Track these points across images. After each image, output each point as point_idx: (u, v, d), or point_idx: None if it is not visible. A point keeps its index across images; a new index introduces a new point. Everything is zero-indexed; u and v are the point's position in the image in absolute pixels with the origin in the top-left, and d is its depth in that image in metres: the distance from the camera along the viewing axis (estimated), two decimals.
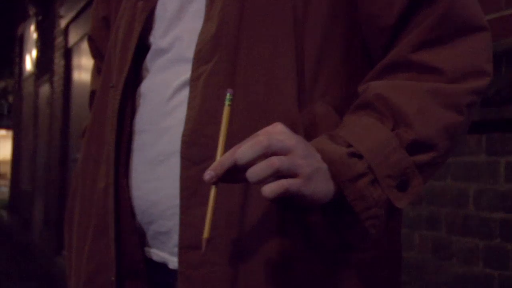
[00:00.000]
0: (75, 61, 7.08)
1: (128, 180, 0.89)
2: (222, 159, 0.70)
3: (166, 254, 0.86)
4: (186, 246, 0.80)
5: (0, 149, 30.13)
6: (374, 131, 0.77)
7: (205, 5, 0.85)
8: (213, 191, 0.71)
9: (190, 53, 0.85)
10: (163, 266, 0.87)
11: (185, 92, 0.84)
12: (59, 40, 7.51)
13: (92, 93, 1.12)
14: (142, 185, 0.88)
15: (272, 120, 0.76)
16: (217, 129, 0.76)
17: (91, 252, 0.92)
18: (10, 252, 7.93)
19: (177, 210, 0.82)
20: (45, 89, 8.57)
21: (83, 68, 6.69)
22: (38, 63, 8.98)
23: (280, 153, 0.70)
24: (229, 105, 0.73)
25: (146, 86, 0.91)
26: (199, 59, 0.82)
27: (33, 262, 7.18)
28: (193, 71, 0.83)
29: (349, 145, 0.76)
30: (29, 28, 9.56)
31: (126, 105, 0.91)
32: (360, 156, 0.75)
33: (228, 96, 0.73)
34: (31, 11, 8.93)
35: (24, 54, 10.27)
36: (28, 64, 9.79)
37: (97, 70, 1.12)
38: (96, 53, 1.12)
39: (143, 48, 0.91)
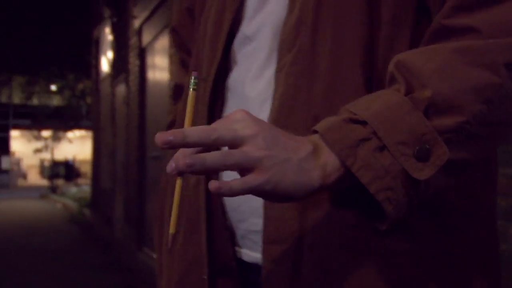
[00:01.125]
0: (149, 60, 7.20)
1: (219, 176, 0.87)
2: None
3: (257, 253, 0.84)
4: (270, 241, 0.78)
5: (81, 149, 31.07)
6: (382, 97, 0.68)
7: None
8: (178, 184, 0.65)
9: (274, 42, 0.83)
10: (254, 266, 0.84)
11: (271, 84, 0.82)
12: (134, 40, 7.66)
13: (176, 86, 1.11)
14: None
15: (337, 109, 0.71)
16: (296, 121, 0.74)
17: (183, 250, 0.91)
18: (94, 247, 8.17)
19: None
20: (121, 89, 8.77)
21: (157, 67, 6.80)
22: (114, 64, 9.19)
23: (233, 145, 0.64)
24: (193, 89, 0.67)
25: (234, 78, 0.89)
26: (282, 49, 0.80)
27: (115, 257, 7.37)
28: (277, 62, 0.81)
29: (352, 114, 0.68)
30: (104, 30, 9.80)
31: (217, 98, 0.89)
32: (363, 123, 0.67)
33: (192, 79, 0.67)
34: (106, 13, 9.14)
35: (100, 56, 10.54)
36: (105, 65, 10.04)
37: (180, 63, 1.09)
38: (180, 45, 1.09)
39: (233, 38, 0.89)
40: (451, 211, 0.76)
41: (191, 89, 0.67)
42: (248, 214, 0.84)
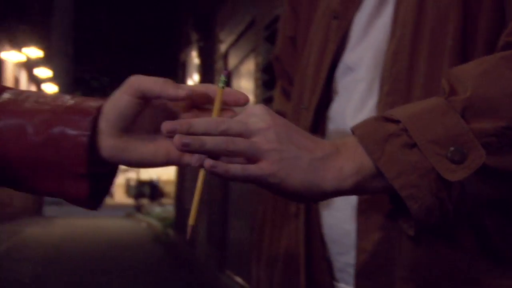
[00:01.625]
0: (235, 83, 7.29)
1: (319, 206, 0.87)
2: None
3: None
4: (361, 274, 0.77)
5: (165, 169, 31.79)
6: (423, 102, 0.67)
7: (391, 20, 0.81)
8: (200, 175, 0.66)
9: (375, 73, 0.82)
10: None
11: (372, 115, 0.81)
12: (220, 64, 7.79)
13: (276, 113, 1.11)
14: (334, 213, 0.85)
15: None
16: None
17: (281, 278, 0.91)
18: (177, 268, 8.28)
19: None
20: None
21: (243, 90, 6.84)
22: None
23: (242, 136, 0.64)
24: (222, 87, 0.68)
25: (335, 108, 0.88)
26: (383, 80, 0.79)
27: (198, 278, 7.44)
28: (378, 93, 0.80)
29: (388, 115, 0.67)
30: (191, 54, 10.01)
31: (318, 128, 0.89)
32: (396, 122, 0.65)
33: (222, 78, 0.68)
34: (193, 37, 9.35)
35: (186, 79, 10.77)
36: None
37: (281, 90, 1.10)
38: (282, 73, 1.09)
39: (335, 68, 0.89)
40: None
41: (220, 86, 0.68)
42: (348, 248, 0.83)
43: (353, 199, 0.81)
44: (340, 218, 0.84)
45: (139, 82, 0.68)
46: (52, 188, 0.74)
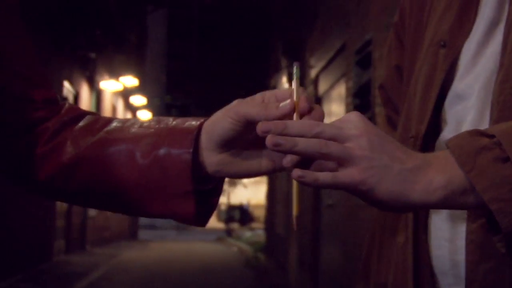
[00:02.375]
0: (326, 108, 7.30)
1: (428, 236, 0.86)
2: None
3: None
4: None
5: (254, 193, 31.96)
6: None
7: (500, 48, 0.81)
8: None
9: (485, 101, 0.81)
10: None
11: None
12: (310, 89, 7.82)
13: None
14: (443, 243, 0.84)
15: None
16: None
17: None
18: None
19: None
20: None
21: (334, 115, 6.86)
22: None
23: (335, 140, 0.65)
24: (297, 77, 0.71)
25: (444, 137, 0.87)
26: (492, 108, 0.79)
27: None
28: (489, 122, 0.79)
29: (483, 130, 0.66)
30: (281, 79, 10.11)
31: None
32: (490, 136, 0.65)
33: (294, 68, 0.72)
34: (283, 63, 9.45)
35: None
36: None
37: (387, 119, 1.09)
38: (387, 102, 1.09)
39: (443, 97, 0.88)
40: None
41: (294, 78, 0.71)
42: (459, 279, 0.81)
43: (462, 229, 0.80)
44: (448, 249, 0.82)
45: (240, 108, 0.72)
46: (161, 208, 0.78)
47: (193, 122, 0.77)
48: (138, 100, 15.90)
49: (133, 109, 17.38)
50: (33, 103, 0.81)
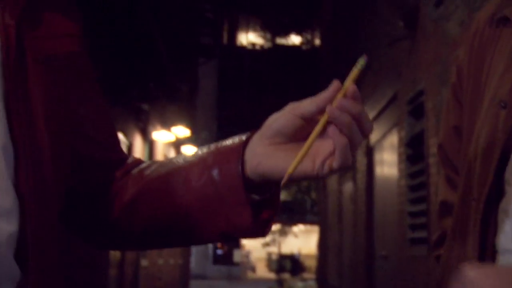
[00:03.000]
0: (377, 157, 7.24)
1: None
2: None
3: None
4: None
5: (305, 243, 31.66)
6: None
7: None
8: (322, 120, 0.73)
9: None
10: None
11: None
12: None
13: (442, 203, 1.10)
14: None
15: None
16: None
17: None
18: None
19: None
20: (348, 186, 8.87)
21: (386, 164, 6.80)
22: None
23: None
24: (359, 69, 0.74)
25: (508, 201, 0.86)
26: None
27: None
28: None
29: None
30: None
31: (490, 220, 0.88)
32: None
33: (362, 61, 0.74)
34: None
35: None
36: None
37: (446, 179, 1.09)
38: (446, 162, 1.09)
39: (506, 159, 0.88)
40: None
41: (357, 68, 0.75)
42: None
43: None
44: None
45: (294, 104, 0.77)
46: (220, 225, 0.81)
47: (237, 139, 0.82)
48: (190, 150, 16.09)
49: None
50: (110, 167, 0.89)
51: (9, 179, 0.77)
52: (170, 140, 13.54)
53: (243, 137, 0.82)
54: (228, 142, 0.83)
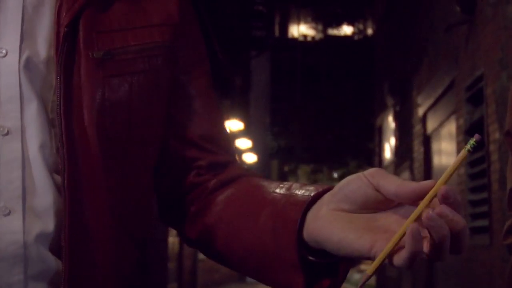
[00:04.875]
0: (435, 146, 7.12)
1: None
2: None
3: None
4: None
5: None
6: None
7: None
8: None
9: None
10: None
11: None
12: (417, 128, 7.67)
13: (511, 191, 1.08)
14: None
15: None
16: None
17: None
18: None
19: None
20: (405, 175, 8.76)
21: (444, 153, 6.68)
22: (397, 151, 9.26)
23: None
24: (468, 150, 0.64)
25: None
26: None
27: None
28: None
29: None
30: (387, 118, 9.99)
31: None
32: None
33: (472, 141, 0.64)
34: (389, 102, 9.34)
35: (383, 144, 10.72)
36: (388, 152, 10.17)
37: None
38: None
39: None
40: None
41: (466, 149, 0.64)
42: None
43: None
44: None
45: (380, 176, 0.68)
46: (273, 279, 0.76)
47: (311, 188, 0.75)
48: (244, 143, 16.16)
49: (239, 153, 17.68)
50: (198, 169, 0.87)
51: (47, 178, 0.77)
52: None
53: (315, 190, 0.74)
54: (302, 190, 0.76)
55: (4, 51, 0.77)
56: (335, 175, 24.49)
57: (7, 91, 0.76)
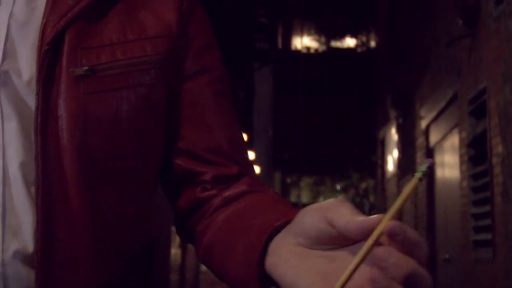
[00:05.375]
0: (438, 159, 7.11)
1: None
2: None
3: None
4: None
5: None
6: None
7: None
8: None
9: None
10: None
11: None
12: (420, 140, 7.66)
13: None
14: None
15: None
16: None
17: None
18: None
19: None
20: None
21: (446, 166, 6.67)
22: (399, 163, 9.25)
23: None
24: (420, 178, 0.57)
25: None
26: None
27: None
28: None
29: None
30: (390, 131, 9.99)
31: None
32: None
33: (423, 167, 0.57)
34: (392, 114, 9.34)
35: (386, 156, 10.71)
36: (391, 165, 10.16)
37: None
38: None
39: None
40: None
41: (417, 177, 0.58)
42: None
43: None
44: None
45: (334, 210, 0.62)
46: None
47: (276, 222, 0.70)
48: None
49: None
50: (204, 184, 0.85)
51: (27, 197, 0.76)
52: None
53: (285, 218, 0.69)
54: (272, 214, 0.72)
55: None
56: (338, 187, 24.45)
57: None
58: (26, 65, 0.78)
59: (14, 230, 0.76)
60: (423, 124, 7.41)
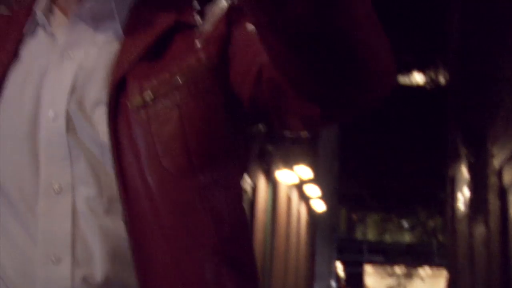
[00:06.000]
0: None
1: None
2: None
3: None
4: None
5: (431, 287, 30.48)
6: None
7: None
8: None
9: None
10: None
11: None
12: (493, 180, 7.44)
13: None
14: None
15: None
16: None
17: None
18: None
19: None
20: (480, 229, 8.47)
21: None
22: (471, 203, 9.00)
23: None
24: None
25: None
26: None
27: None
28: None
29: None
30: (460, 169, 9.75)
31: None
32: None
33: None
34: (462, 152, 9.12)
35: (456, 194, 10.44)
36: (461, 204, 9.89)
37: None
38: None
39: None
40: None
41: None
42: None
43: None
44: None
45: None
46: None
47: None
48: (313, 190, 16.03)
49: (307, 199, 17.54)
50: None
51: (95, 226, 0.82)
52: (293, 182, 13.57)
53: None
54: None
55: (52, 114, 0.83)
56: (405, 224, 23.96)
57: (56, 151, 0.83)
58: (90, 107, 0.84)
59: (83, 259, 0.82)
60: (496, 163, 7.20)
